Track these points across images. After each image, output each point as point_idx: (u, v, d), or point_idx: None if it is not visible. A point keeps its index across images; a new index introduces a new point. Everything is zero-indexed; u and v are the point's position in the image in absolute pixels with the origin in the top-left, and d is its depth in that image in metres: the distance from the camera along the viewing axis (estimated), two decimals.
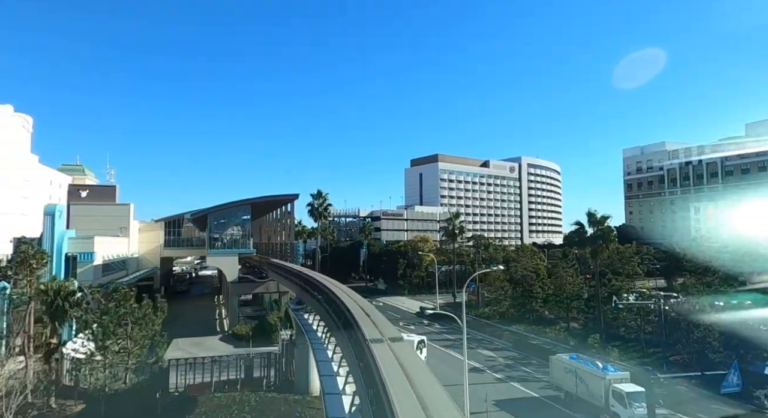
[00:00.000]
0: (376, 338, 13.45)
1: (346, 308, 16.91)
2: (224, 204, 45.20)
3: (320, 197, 56.69)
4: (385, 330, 14.75)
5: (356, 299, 20.11)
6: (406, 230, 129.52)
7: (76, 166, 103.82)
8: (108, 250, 49.37)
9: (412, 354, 13.81)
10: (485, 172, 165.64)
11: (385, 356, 11.82)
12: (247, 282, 47.06)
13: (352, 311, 16.13)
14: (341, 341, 17.57)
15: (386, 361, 11.44)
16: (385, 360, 11.48)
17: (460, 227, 55.27)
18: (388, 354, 12.22)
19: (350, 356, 15.25)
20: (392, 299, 74.21)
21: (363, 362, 12.77)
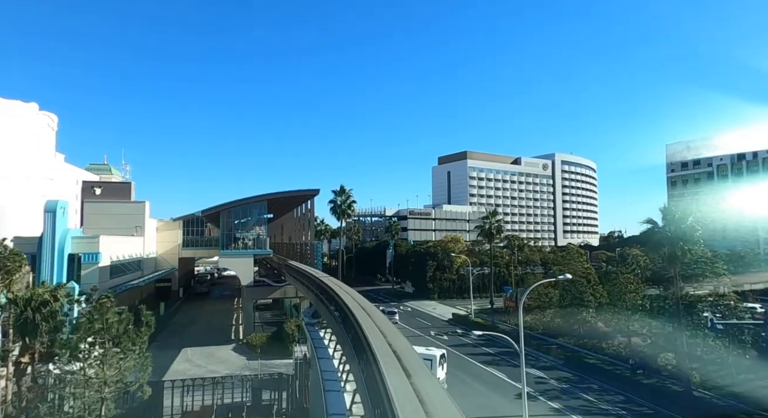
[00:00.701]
0: (406, 396, 8.20)
1: (368, 344, 11.63)
2: (238, 200, 40.94)
3: (343, 194, 51.79)
4: (417, 377, 9.47)
5: (378, 322, 14.88)
6: (434, 230, 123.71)
7: (102, 166, 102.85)
8: (119, 250, 45.88)
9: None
10: (516, 170, 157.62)
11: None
12: (263, 286, 42.64)
13: (376, 352, 10.79)
14: (359, 378, 12.48)
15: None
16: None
17: (498, 226, 49.15)
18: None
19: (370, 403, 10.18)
20: (421, 303, 68.63)
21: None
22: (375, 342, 11.79)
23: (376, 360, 10.22)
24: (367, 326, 13.93)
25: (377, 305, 73.10)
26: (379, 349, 11.16)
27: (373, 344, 11.43)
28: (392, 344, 12.19)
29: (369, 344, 11.49)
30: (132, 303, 51.58)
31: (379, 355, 10.58)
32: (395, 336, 13.56)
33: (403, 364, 10.48)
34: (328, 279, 25.23)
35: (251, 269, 42.22)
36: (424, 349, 29.45)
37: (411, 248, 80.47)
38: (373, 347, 11.13)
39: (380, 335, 13.40)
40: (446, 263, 73.14)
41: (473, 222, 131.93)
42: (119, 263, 45.19)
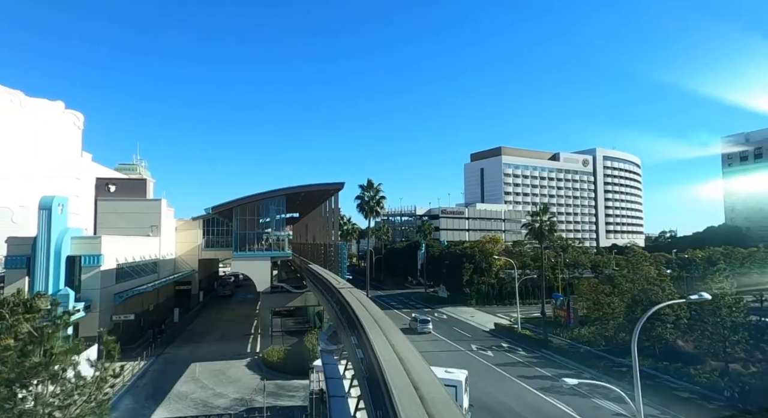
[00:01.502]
0: None
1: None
2: (252, 196, 35.91)
3: (371, 188, 45.97)
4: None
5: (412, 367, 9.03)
6: (467, 230, 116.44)
7: (131, 165, 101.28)
8: (129, 251, 41.81)
9: None
10: (554, 166, 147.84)
11: None
12: (282, 293, 37.40)
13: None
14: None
15: None
16: None
17: (551, 225, 42.10)
18: None
19: None
20: (457, 310, 61.99)
21: None
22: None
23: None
24: (397, 387, 8.01)
25: (409, 311, 67.32)
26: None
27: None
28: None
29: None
30: (146, 308, 47.67)
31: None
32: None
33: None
34: (350, 294, 19.45)
35: (268, 273, 37.10)
36: (443, 371, 23.34)
37: (445, 249, 73.92)
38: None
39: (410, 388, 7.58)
40: (484, 265, 66.18)
41: (510, 221, 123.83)
42: (128, 266, 41.08)
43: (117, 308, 38.33)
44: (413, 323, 49.55)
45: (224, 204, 35.41)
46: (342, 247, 38.61)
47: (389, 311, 62.25)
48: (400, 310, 63.36)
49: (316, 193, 43.00)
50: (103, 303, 35.32)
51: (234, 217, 36.52)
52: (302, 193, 41.03)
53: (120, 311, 38.95)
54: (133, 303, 42.75)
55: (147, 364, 33.87)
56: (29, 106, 68.24)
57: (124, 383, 29.47)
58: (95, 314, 34.27)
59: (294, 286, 38.90)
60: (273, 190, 36.42)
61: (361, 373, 11.89)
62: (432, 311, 62.37)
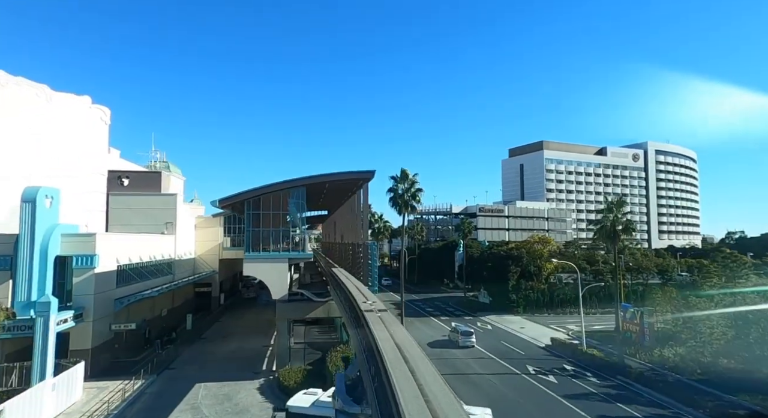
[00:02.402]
0: None
1: None
2: (266, 186, 30.06)
3: (405, 180, 39.26)
4: None
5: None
6: (507, 229, 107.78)
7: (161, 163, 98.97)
8: (136, 250, 37.04)
9: None
10: (601, 161, 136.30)
11: None
12: (301, 301, 31.35)
13: None
14: None
15: None
16: None
17: (626, 223, 34.06)
18: None
19: None
20: (502, 319, 54.34)
21: None
22: None
23: None
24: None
25: (447, 319, 60.08)
26: None
27: None
28: None
29: None
30: (158, 313, 42.92)
31: None
32: None
33: None
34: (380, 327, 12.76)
35: (286, 278, 31.18)
36: (480, 412, 16.62)
37: (486, 250, 66.30)
38: None
39: None
40: (532, 268, 58.16)
41: (554, 220, 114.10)
42: (135, 267, 36.26)
43: (119, 314, 33.49)
44: (454, 335, 42.59)
45: (233, 196, 29.81)
46: (372, 247, 32.22)
47: (425, 319, 55.37)
48: (437, 317, 56.39)
49: (343, 185, 36.80)
50: (99, 310, 30.40)
51: (246, 211, 30.87)
52: (326, 185, 34.91)
53: (123, 319, 34.14)
54: (142, 308, 38.04)
55: (144, 384, 28.60)
56: (55, 101, 65.61)
57: (109, 412, 24.10)
58: (88, 324, 29.35)
59: (316, 292, 32.81)
60: (291, 179, 30.51)
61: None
62: (473, 319, 55.04)
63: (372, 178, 32.22)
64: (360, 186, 35.69)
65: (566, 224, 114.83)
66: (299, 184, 30.98)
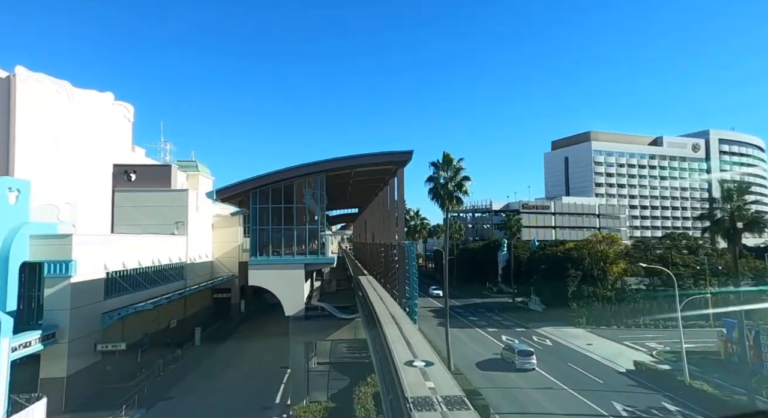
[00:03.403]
0: None
1: None
2: (275, 173, 23.32)
3: (449, 166, 31.65)
4: None
5: None
6: (554, 227, 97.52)
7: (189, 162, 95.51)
8: (132, 254, 31.39)
9: None
10: (656, 152, 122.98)
11: None
12: (321, 319, 24.34)
13: None
14: None
15: None
16: None
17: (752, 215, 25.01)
18: None
19: None
20: (562, 331, 45.64)
21: None
22: None
23: None
24: None
25: (496, 330, 51.35)
26: None
27: None
28: None
29: None
30: (165, 325, 37.30)
31: None
32: None
33: None
34: None
35: (301, 289, 24.34)
36: None
37: (538, 251, 57.42)
38: None
39: None
40: (597, 272, 49.00)
41: (606, 217, 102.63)
42: (130, 274, 30.57)
43: (111, 331, 27.79)
44: (508, 354, 34.65)
45: (234, 186, 23.24)
46: (409, 249, 24.85)
47: (469, 330, 47.40)
48: (483, 328, 48.32)
49: (372, 174, 29.69)
50: (79, 328, 24.69)
51: (251, 205, 24.36)
52: (351, 172, 27.91)
53: (116, 336, 28.45)
54: (143, 321, 32.29)
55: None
56: (76, 98, 62.31)
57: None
58: (63, 346, 23.62)
59: (342, 306, 25.81)
60: (306, 163, 23.70)
61: None
62: (527, 331, 46.64)
63: (408, 162, 24.94)
64: (393, 173, 28.44)
65: (620, 221, 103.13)
66: (317, 170, 24.15)
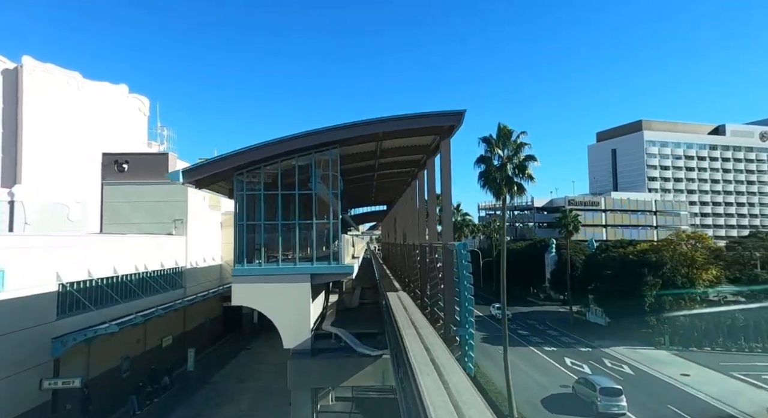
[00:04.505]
0: None
1: None
2: (269, 144, 15.80)
3: (506, 142, 23.40)
4: None
5: None
6: (604, 225, 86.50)
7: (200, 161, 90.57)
8: (107, 259, 24.81)
9: None
10: (718, 142, 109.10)
11: None
12: (334, 354, 16.50)
13: None
14: None
15: None
16: None
17: None
18: None
19: None
20: (639, 353, 36.30)
21: None
22: None
23: None
24: None
25: (553, 349, 37.95)
26: None
27: None
28: None
29: None
30: (156, 344, 30.61)
31: None
32: None
33: None
34: None
35: (306, 311, 16.70)
36: None
37: (600, 253, 47.78)
38: None
39: None
40: (682, 280, 39.18)
41: (664, 214, 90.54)
42: (96, 285, 23.93)
43: (70, 360, 21.17)
44: (585, 390, 26.04)
45: (209, 164, 15.77)
46: (458, 252, 16.82)
47: (522, 349, 38.62)
48: (538, 347, 39.54)
49: (404, 153, 21.81)
50: (14, 362, 18.02)
51: (236, 192, 17.02)
52: (375, 150, 20.01)
53: (79, 365, 21.88)
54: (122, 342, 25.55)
55: None
56: (87, 89, 57.69)
57: None
58: None
59: (364, 333, 18.07)
60: (313, 131, 16.03)
61: None
62: (592, 352, 37.66)
63: (457, 128, 16.89)
64: (433, 151, 20.53)
65: (680, 219, 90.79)
66: (329, 141, 16.50)
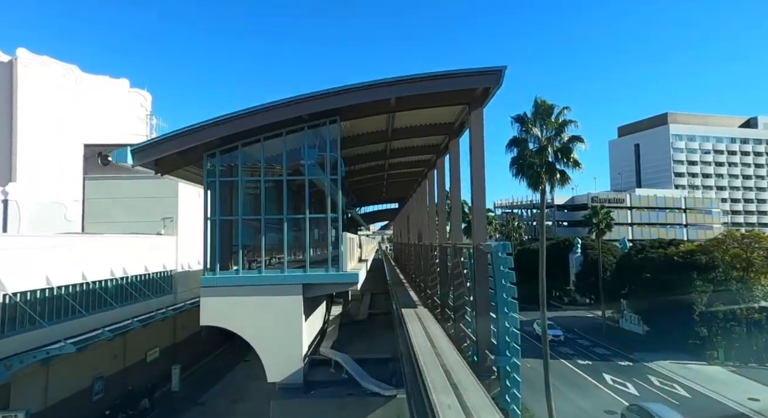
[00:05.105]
0: None
1: None
2: (248, 112, 11.85)
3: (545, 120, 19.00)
4: None
5: None
6: (630, 224, 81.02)
7: None
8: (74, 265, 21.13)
9: None
10: (750, 136, 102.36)
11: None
12: (333, 390, 12.52)
13: None
14: None
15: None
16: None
17: None
18: None
19: None
20: (689, 369, 31.53)
21: None
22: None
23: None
24: None
25: (588, 362, 31.45)
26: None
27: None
28: None
29: None
30: (140, 358, 26.91)
31: None
32: None
33: None
34: None
35: (297, 331, 12.74)
36: None
37: (636, 254, 42.86)
38: None
39: None
40: (736, 285, 34.19)
41: (695, 211, 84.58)
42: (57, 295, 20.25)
43: (24, 384, 17.54)
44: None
45: (166, 139, 11.75)
46: (495, 256, 12.62)
47: (553, 363, 33.94)
48: (570, 360, 34.98)
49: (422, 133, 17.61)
50: None
51: (206, 179, 12.95)
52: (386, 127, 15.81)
53: (35, 390, 18.24)
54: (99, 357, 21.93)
55: None
56: (86, 83, 54.77)
57: None
58: None
59: (371, 359, 13.98)
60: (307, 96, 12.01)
61: None
62: (634, 366, 32.93)
63: (495, 90, 12.60)
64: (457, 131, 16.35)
65: (712, 217, 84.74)
66: (325, 109, 12.37)
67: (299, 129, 13.46)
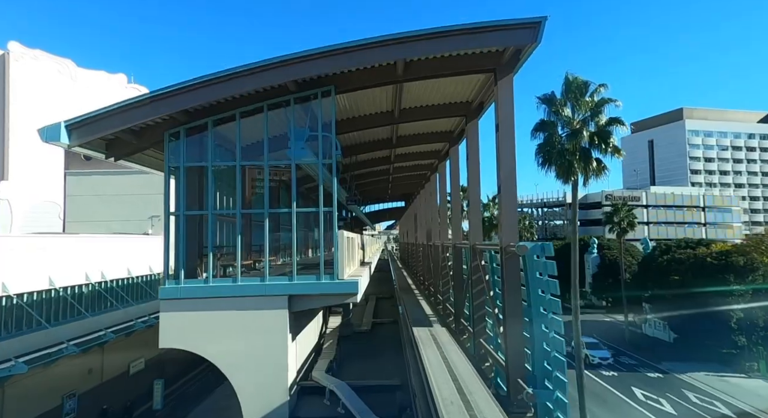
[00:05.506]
0: None
1: None
2: (220, 76, 9.20)
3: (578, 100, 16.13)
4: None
5: None
6: (647, 223, 77.50)
7: None
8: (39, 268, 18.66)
9: None
10: None
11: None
12: None
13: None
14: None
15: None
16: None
17: None
18: None
19: None
20: (727, 383, 28.49)
21: None
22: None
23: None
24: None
25: (615, 375, 27.42)
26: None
27: None
28: None
29: None
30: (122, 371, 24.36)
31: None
32: None
33: None
34: None
35: (283, 353, 10.13)
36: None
37: (661, 255, 39.73)
38: None
39: None
40: None
41: (714, 210, 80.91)
42: (11, 305, 17.76)
43: None
44: None
45: (113, 111, 9.37)
46: (529, 260, 9.80)
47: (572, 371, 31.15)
48: (593, 368, 32.02)
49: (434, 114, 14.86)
50: None
51: (167, 165, 10.46)
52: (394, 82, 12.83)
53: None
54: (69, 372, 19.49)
55: None
56: (82, 79, 52.69)
57: None
58: None
59: (375, 386, 11.33)
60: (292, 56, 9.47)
61: None
62: (665, 378, 29.90)
63: (532, 48, 9.91)
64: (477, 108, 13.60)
65: (732, 215, 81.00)
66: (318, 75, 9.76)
67: (284, 103, 10.77)
